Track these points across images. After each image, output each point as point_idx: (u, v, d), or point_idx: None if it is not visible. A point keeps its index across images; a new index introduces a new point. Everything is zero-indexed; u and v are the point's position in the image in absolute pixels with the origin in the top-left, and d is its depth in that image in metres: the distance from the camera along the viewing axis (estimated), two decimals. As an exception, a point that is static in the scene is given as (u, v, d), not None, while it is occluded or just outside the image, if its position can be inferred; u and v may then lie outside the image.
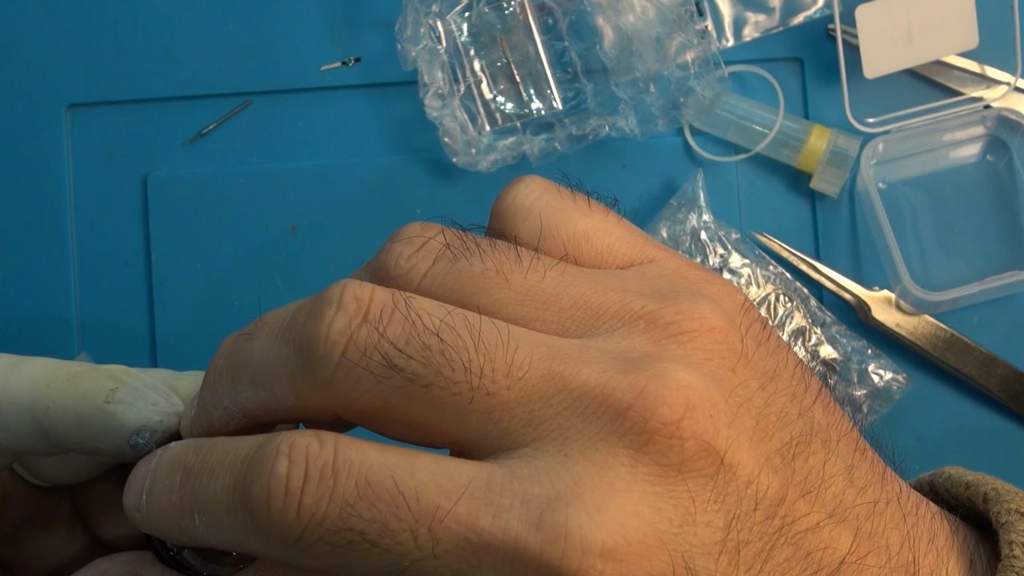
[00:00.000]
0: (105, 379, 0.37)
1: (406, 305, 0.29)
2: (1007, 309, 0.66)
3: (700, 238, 0.64)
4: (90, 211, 0.66)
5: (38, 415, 0.36)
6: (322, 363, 0.29)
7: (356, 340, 0.29)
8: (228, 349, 0.33)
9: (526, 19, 0.65)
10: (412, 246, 0.32)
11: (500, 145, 0.64)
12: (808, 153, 0.65)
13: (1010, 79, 0.65)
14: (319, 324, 0.29)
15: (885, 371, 0.64)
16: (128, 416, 0.36)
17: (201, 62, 0.66)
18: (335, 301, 0.29)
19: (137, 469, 0.33)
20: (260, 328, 0.32)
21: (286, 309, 0.32)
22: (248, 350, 0.31)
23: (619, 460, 0.27)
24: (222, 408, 0.32)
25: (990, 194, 0.66)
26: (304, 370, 0.29)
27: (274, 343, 0.31)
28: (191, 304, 0.66)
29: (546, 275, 0.31)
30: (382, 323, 0.29)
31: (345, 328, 0.29)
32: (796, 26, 0.66)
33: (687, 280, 0.32)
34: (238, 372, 0.32)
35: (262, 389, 0.31)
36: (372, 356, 0.28)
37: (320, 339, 0.29)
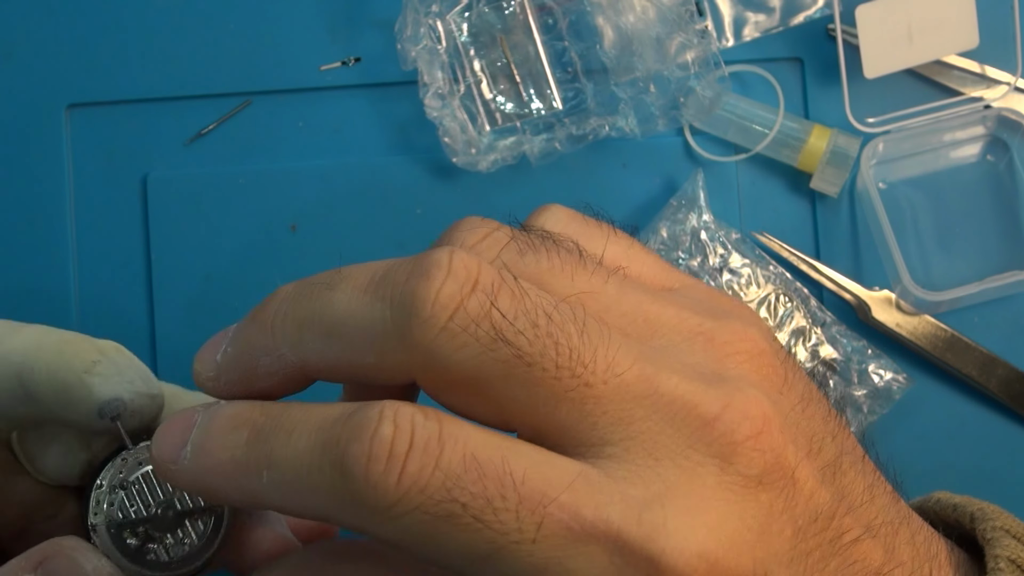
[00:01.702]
0: (92, 351, 0.37)
1: (515, 281, 0.29)
2: (1007, 309, 0.66)
3: (700, 238, 0.64)
4: (90, 211, 0.66)
5: (24, 376, 0.36)
6: (426, 325, 0.28)
7: (467, 306, 0.28)
8: (295, 295, 0.32)
9: (526, 19, 0.65)
10: (477, 235, 0.32)
11: (500, 145, 0.64)
12: (808, 153, 0.65)
13: (1010, 79, 0.65)
14: (428, 285, 0.28)
15: (885, 371, 0.64)
16: (102, 389, 0.36)
17: (201, 62, 0.66)
18: (444, 265, 0.29)
19: (174, 422, 0.32)
20: (342, 280, 0.30)
21: (372, 266, 0.31)
22: (328, 300, 0.30)
23: (707, 468, 0.28)
24: (276, 355, 0.31)
25: (990, 194, 0.66)
26: (401, 330, 0.29)
27: (364, 297, 0.30)
28: (191, 304, 0.66)
29: (608, 279, 0.31)
30: (492, 295, 0.29)
31: (456, 293, 0.28)
32: (796, 26, 0.66)
33: (723, 302, 0.33)
34: (310, 320, 0.31)
35: (338, 342, 0.30)
36: (481, 324, 0.28)
37: (428, 300, 0.28)
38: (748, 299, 0.64)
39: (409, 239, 0.66)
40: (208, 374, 0.33)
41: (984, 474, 0.65)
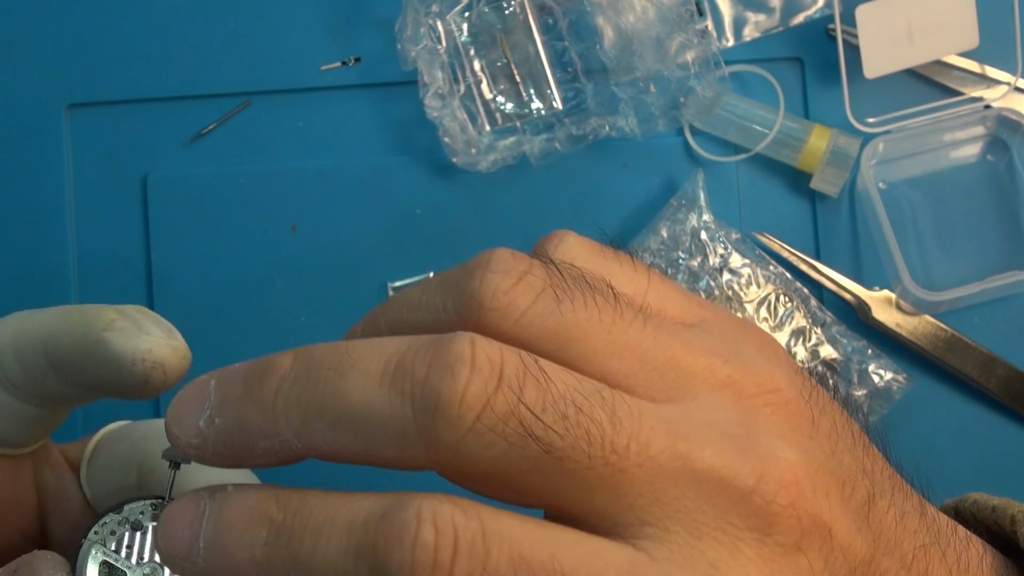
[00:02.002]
0: (111, 311, 0.36)
1: (539, 369, 0.28)
2: (1007, 309, 0.66)
3: (700, 238, 0.64)
4: (90, 211, 0.66)
5: (49, 348, 0.35)
6: (453, 425, 0.27)
7: (494, 405, 0.27)
8: (299, 377, 0.29)
9: (526, 19, 0.65)
10: (510, 278, 0.30)
11: (500, 145, 0.64)
12: (808, 153, 0.65)
13: (1010, 79, 0.65)
14: (452, 385, 0.27)
15: (885, 371, 0.64)
16: (121, 342, 0.35)
17: (201, 62, 0.66)
18: (468, 359, 0.27)
19: (179, 511, 0.30)
20: (353, 366, 0.28)
21: (384, 349, 0.29)
22: (340, 389, 0.28)
23: (746, 542, 0.28)
24: (277, 440, 0.29)
25: (990, 194, 0.66)
26: (426, 429, 0.27)
27: (381, 391, 0.28)
28: (191, 304, 0.66)
29: (644, 328, 0.30)
30: (518, 388, 0.27)
31: (482, 391, 0.27)
32: (796, 26, 0.66)
33: (748, 339, 0.33)
34: (319, 409, 0.29)
35: (352, 434, 0.28)
36: (509, 423, 0.27)
37: (453, 402, 0.27)
38: (748, 299, 0.64)
39: (409, 239, 0.66)
40: (191, 441, 0.30)
41: (984, 474, 0.65)
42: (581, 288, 0.30)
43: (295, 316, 0.66)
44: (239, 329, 0.66)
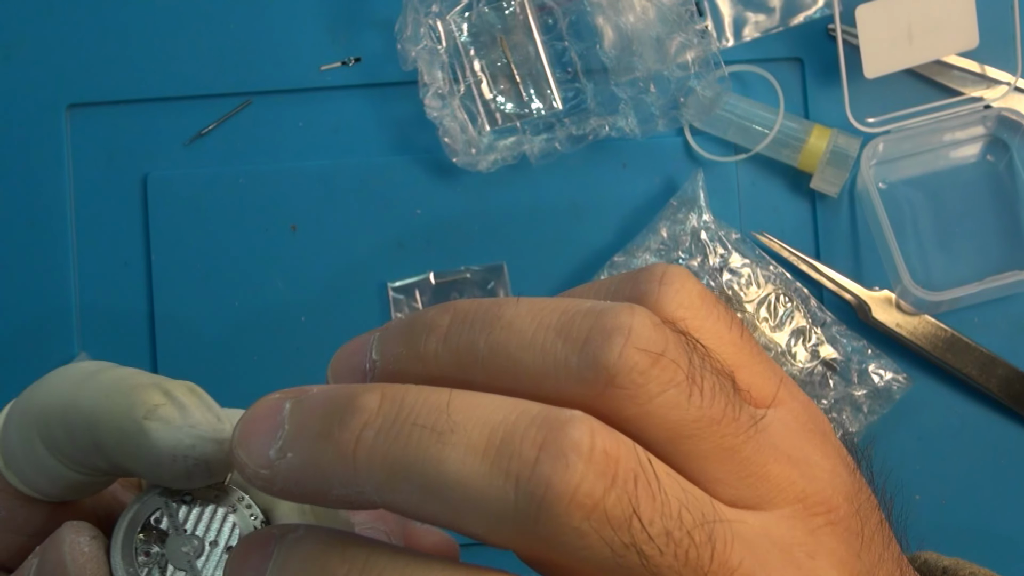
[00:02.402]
0: (158, 393, 0.32)
1: (653, 474, 0.27)
2: (1007, 309, 0.66)
3: (700, 238, 0.64)
4: (90, 211, 0.66)
5: (93, 426, 0.32)
6: (557, 521, 0.25)
7: (607, 510, 0.25)
8: (390, 430, 0.27)
9: (526, 19, 0.65)
10: (648, 358, 0.28)
11: (500, 145, 0.64)
12: (808, 153, 0.65)
13: (1010, 79, 0.65)
14: (565, 478, 0.25)
15: (885, 371, 0.64)
16: (162, 435, 0.31)
17: (201, 62, 0.66)
18: (583, 451, 0.25)
19: (248, 547, 0.29)
20: (454, 431, 0.26)
21: (489, 415, 0.27)
22: (436, 456, 0.26)
23: None
24: (354, 491, 0.27)
25: (990, 194, 0.66)
26: (526, 518, 0.26)
27: (483, 466, 0.26)
28: (191, 304, 0.66)
29: (750, 436, 0.30)
30: (633, 493, 0.26)
31: (593, 491, 0.25)
32: (796, 26, 0.66)
33: (809, 433, 0.33)
34: (409, 471, 0.26)
35: (440, 505, 0.26)
36: (618, 532, 0.26)
37: (564, 495, 0.25)
38: (748, 299, 0.64)
39: (409, 239, 0.66)
40: (260, 471, 0.28)
41: (984, 474, 0.65)
42: (711, 381, 0.29)
43: (295, 316, 0.66)
44: (239, 329, 0.66)
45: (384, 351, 0.30)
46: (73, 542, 0.32)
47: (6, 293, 0.66)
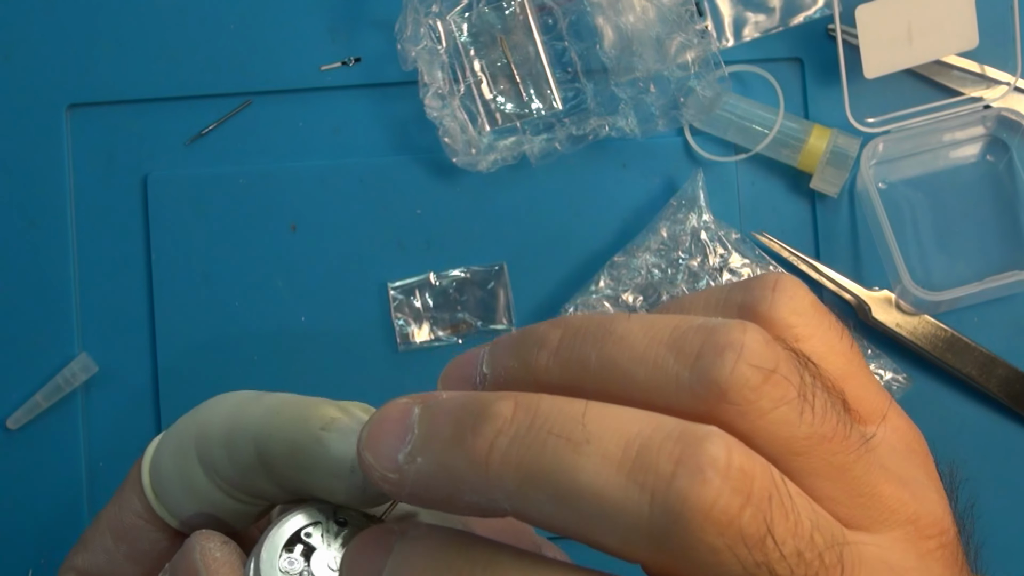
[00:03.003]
0: (333, 408, 0.32)
1: (787, 493, 0.27)
2: (1007, 309, 0.66)
3: (700, 238, 0.64)
4: (90, 211, 0.66)
5: (260, 443, 0.32)
6: (693, 536, 0.25)
7: (742, 527, 0.25)
8: (524, 438, 0.27)
9: (526, 19, 0.65)
10: (760, 375, 0.28)
11: (500, 145, 0.64)
12: (808, 153, 0.65)
13: (1010, 79, 0.65)
14: (702, 493, 0.25)
15: (885, 371, 0.64)
16: (340, 446, 0.31)
17: (201, 62, 0.66)
18: (720, 467, 0.25)
19: (365, 543, 0.29)
20: (589, 442, 0.26)
21: (624, 426, 0.26)
22: (571, 465, 0.26)
23: None
24: (485, 498, 0.27)
25: (990, 194, 0.66)
26: (661, 531, 0.25)
27: (619, 478, 0.26)
28: (191, 304, 0.66)
29: (860, 454, 0.30)
30: (767, 512, 0.26)
31: (729, 507, 0.25)
32: (796, 26, 0.66)
33: (915, 454, 0.33)
34: (543, 479, 0.26)
35: (573, 515, 0.26)
36: (753, 551, 0.26)
37: (700, 512, 0.25)
38: (748, 299, 0.64)
39: (409, 239, 0.66)
40: (388, 475, 0.28)
41: (984, 474, 0.65)
42: (822, 399, 0.29)
43: (295, 316, 0.66)
44: (239, 329, 0.66)
45: (495, 364, 0.30)
46: (204, 548, 0.32)
47: (6, 293, 0.66)
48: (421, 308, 0.66)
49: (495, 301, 0.66)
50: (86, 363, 0.65)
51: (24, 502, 0.65)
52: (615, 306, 0.64)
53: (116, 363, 0.66)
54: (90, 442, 0.66)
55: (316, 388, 0.65)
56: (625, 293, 0.64)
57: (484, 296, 0.66)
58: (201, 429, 0.34)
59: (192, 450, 0.34)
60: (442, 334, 0.66)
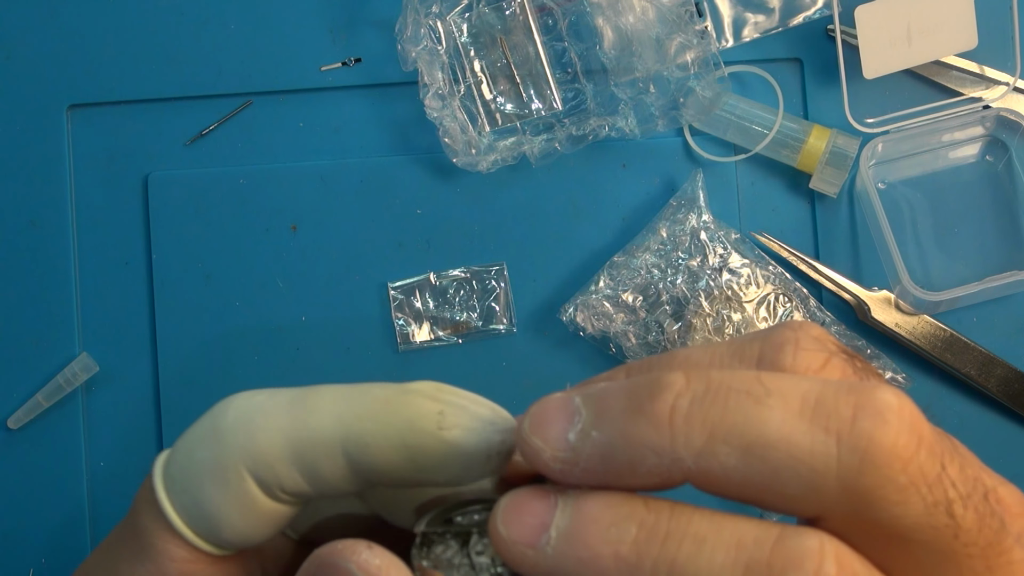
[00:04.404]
0: (426, 401, 0.32)
1: (952, 445, 0.29)
2: (1006, 309, 0.66)
3: (700, 238, 0.64)
4: (91, 211, 0.66)
5: (353, 453, 0.31)
6: (878, 473, 0.27)
7: (921, 463, 0.27)
8: (705, 396, 0.28)
9: (526, 20, 0.65)
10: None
11: (500, 145, 0.64)
12: (808, 153, 0.65)
13: (1009, 79, 0.65)
14: (885, 431, 0.27)
15: (884, 371, 0.64)
16: (471, 441, 0.31)
17: (201, 62, 0.66)
18: (896, 409, 0.27)
19: (527, 500, 0.29)
20: (771, 395, 0.27)
21: (801, 384, 0.28)
22: (757, 416, 0.27)
23: None
24: (669, 458, 0.28)
25: (989, 194, 0.66)
26: (847, 472, 0.27)
27: (803, 424, 0.27)
28: (191, 304, 0.66)
29: None
30: (940, 452, 0.28)
31: (909, 445, 0.27)
32: (796, 26, 0.66)
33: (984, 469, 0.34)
34: (730, 432, 0.27)
35: (760, 464, 0.27)
36: (933, 488, 0.27)
37: (884, 448, 0.27)
38: (747, 299, 0.64)
39: (409, 239, 0.66)
40: (559, 454, 0.29)
41: (983, 474, 0.66)
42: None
43: (295, 316, 0.66)
44: (240, 329, 0.66)
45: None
46: (362, 562, 0.31)
47: (7, 293, 0.66)
48: (421, 308, 0.66)
49: (495, 301, 0.66)
50: (87, 363, 0.65)
51: (25, 502, 0.65)
52: (615, 306, 0.64)
53: (116, 363, 0.66)
54: (91, 442, 0.66)
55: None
56: (625, 293, 0.64)
57: (484, 296, 0.66)
58: (251, 449, 0.32)
59: (243, 473, 0.32)
60: (442, 334, 0.66)
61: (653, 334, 0.64)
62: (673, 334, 0.63)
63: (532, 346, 0.66)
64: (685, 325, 0.63)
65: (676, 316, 0.64)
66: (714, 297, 0.64)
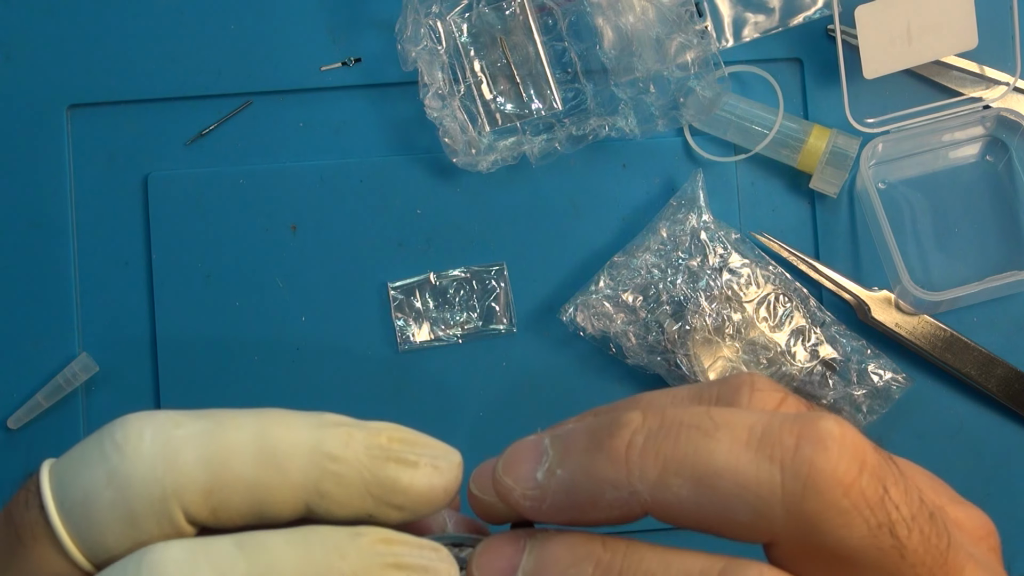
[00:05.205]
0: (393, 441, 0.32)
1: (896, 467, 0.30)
2: (1007, 309, 0.66)
3: (700, 238, 0.64)
4: (91, 211, 0.66)
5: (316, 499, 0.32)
6: (820, 497, 0.28)
7: (863, 488, 0.28)
8: (658, 432, 0.30)
9: (526, 19, 0.65)
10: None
11: (500, 145, 0.64)
12: (808, 153, 0.65)
13: (1009, 79, 0.66)
14: (826, 457, 0.28)
15: (885, 371, 0.64)
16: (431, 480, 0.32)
17: (201, 62, 0.66)
18: (836, 436, 0.28)
19: (498, 547, 0.31)
20: (719, 428, 0.29)
21: (746, 417, 0.29)
22: (705, 448, 0.29)
23: None
24: (627, 492, 0.29)
25: (989, 194, 0.66)
26: (791, 497, 0.28)
27: (749, 454, 0.29)
28: (191, 304, 0.66)
29: None
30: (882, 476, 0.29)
31: (850, 470, 0.28)
32: (796, 26, 0.66)
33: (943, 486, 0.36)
34: (680, 464, 0.29)
35: (710, 494, 0.29)
36: (875, 511, 0.28)
37: (826, 474, 0.28)
38: (747, 299, 0.64)
39: (409, 239, 0.66)
40: (528, 492, 0.31)
41: (984, 474, 0.66)
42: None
43: (295, 316, 0.66)
44: (240, 329, 0.66)
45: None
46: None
47: (7, 293, 0.66)
48: (421, 308, 0.66)
49: (495, 301, 0.66)
50: (86, 363, 0.65)
51: (24, 502, 0.65)
52: (615, 306, 0.64)
53: (116, 363, 0.66)
54: (90, 442, 0.66)
55: (317, 388, 0.65)
56: (625, 293, 0.64)
57: (484, 296, 0.66)
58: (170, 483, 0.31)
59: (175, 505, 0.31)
60: (442, 334, 0.66)
61: (653, 334, 0.64)
62: (673, 334, 0.63)
63: (532, 346, 0.66)
64: (685, 325, 0.63)
65: (676, 316, 0.64)
66: (714, 297, 0.64)
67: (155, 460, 0.31)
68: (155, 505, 0.31)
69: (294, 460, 0.31)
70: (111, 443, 0.31)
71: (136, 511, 0.31)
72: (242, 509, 0.31)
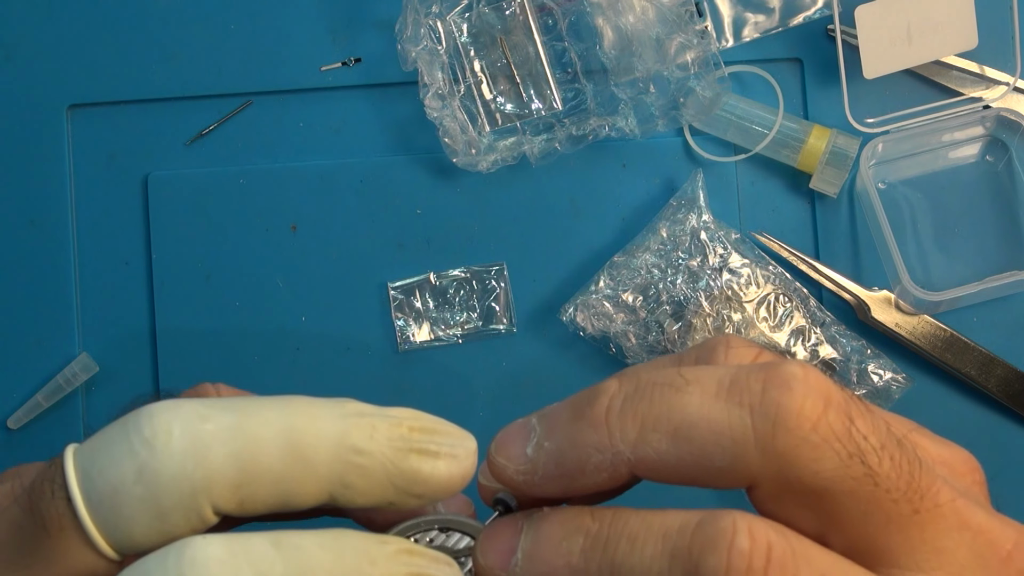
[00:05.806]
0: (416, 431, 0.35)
1: (862, 403, 0.31)
2: (1006, 309, 0.66)
3: (700, 238, 0.64)
4: (91, 211, 0.66)
5: (340, 490, 0.34)
6: (791, 432, 0.29)
7: (829, 420, 0.30)
8: (633, 394, 0.31)
9: (526, 19, 0.65)
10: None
11: (500, 145, 0.64)
12: (808, 153, 0.65)
13: (1009, 79, 0.65)
14: (791, 397, 0.30)
15: (884, 371, 0.64)
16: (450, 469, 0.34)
17: (201, 62, 0.66)
18: (801, 378, 0.30)
19: (499, 529, 0.33)
20: (689, 383, 0.31)
21: (715, 371, 0.31)
22: (678, 403, 0.31)
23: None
24: (611, 453, 0.31)
25: (989, 194, 0.66)
26: (763, 437, 0.30)
27: (719, 403, 0.30)
28: (191, 304, 0.66)
29: None
30: (847, 410, 0.30)
31: (815, 407, 0.30)
32: (796, 26, 0.66)
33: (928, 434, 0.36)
34: (656, 420, 0.31)
35: (687, 444, 0.30)
36: (843, 440, 0.30)
37: (792, 411, 0.30)
38: (747, 299, 0.64)
39: (409, 239, 0.66)
40: (520, 468, 0.33)
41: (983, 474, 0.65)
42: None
43: (295, 316, 0.66)
44: (240, 329, 0.66)
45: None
46: None
47: (6, 293, 0.66)
48: (421, 308, 0.66)
49: (495, 301, 0.66)
50: (86, 363, 0.65)
51: (25, 502, 0.65)
52: (615, 306, 0.64)
53: (116, 363, 0.66)
54: (90, 442, 0.66)
55: (317, 388, 0.65)
56: (625, 293, 0.64)
57: (484, 296, 0.66)
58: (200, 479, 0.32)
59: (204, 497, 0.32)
60: (442, 334, 0.66)
61: (653, 334, 0.64)
62: (673, 334, 0.63)
63: (532, 346, 0.66)
64: (685, 325, 0.63)
65: (676, 316, 0.64)
66: (714, 297, 0.64)
67: (185, 457, 0.32)
68: (185, 500, 0.32)
69: (320, 454, 0.33)
70: (139, 438, 0.32)
71: (165, 506, 0.32)
72: (268, 501, 0.33)
